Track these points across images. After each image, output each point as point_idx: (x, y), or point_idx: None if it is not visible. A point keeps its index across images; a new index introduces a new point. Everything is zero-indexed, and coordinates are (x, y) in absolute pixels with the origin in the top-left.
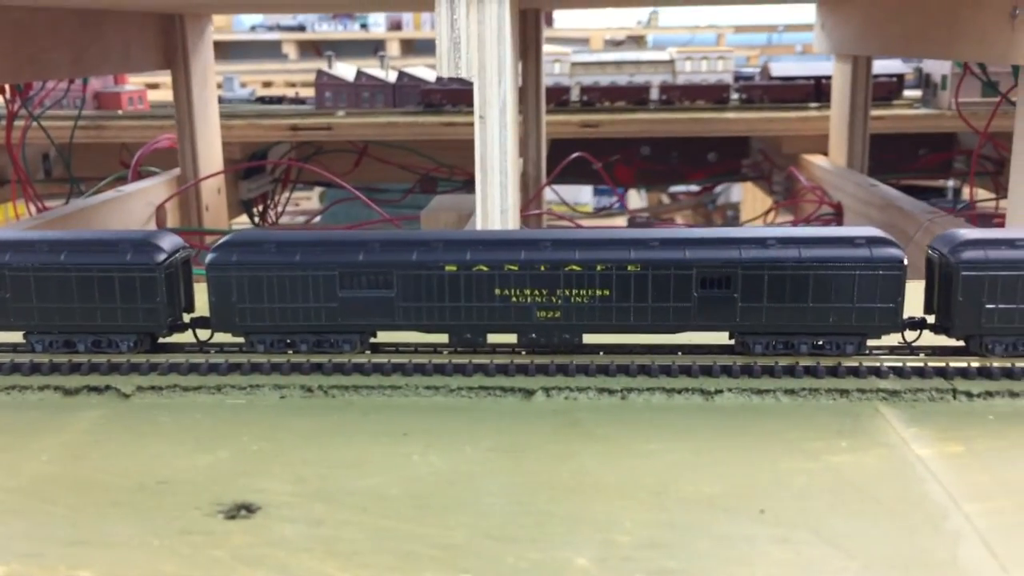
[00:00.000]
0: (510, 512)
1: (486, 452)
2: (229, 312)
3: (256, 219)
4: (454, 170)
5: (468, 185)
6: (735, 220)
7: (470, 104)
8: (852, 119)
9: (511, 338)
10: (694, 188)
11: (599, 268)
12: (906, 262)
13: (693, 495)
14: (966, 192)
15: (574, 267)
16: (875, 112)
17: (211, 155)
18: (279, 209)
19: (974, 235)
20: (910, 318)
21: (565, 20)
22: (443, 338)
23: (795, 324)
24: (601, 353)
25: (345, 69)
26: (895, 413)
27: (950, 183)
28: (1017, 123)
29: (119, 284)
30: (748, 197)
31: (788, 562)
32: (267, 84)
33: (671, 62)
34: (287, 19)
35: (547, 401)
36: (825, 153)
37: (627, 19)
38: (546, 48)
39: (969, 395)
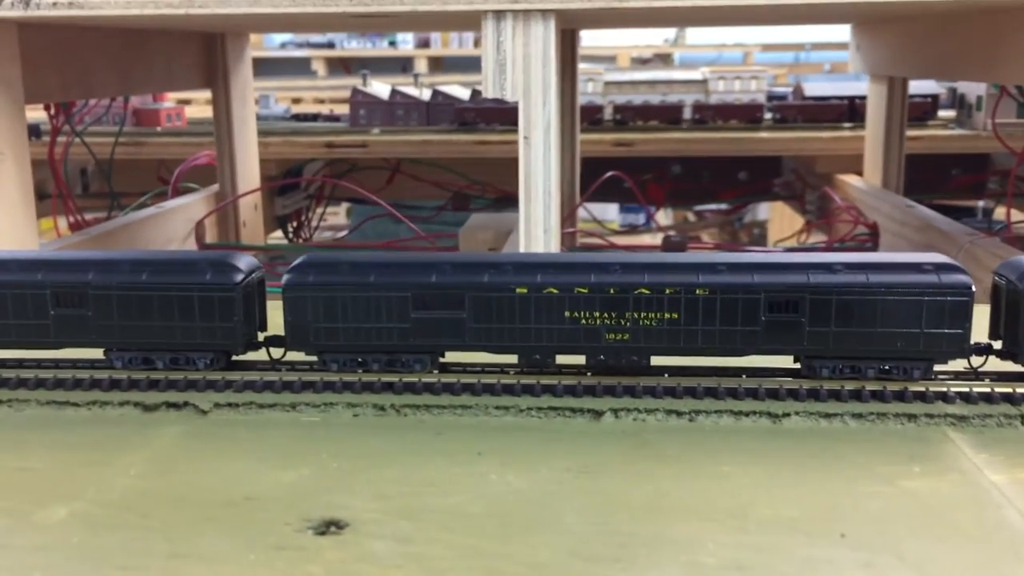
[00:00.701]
0: (592, 532)
1: (561, 472)
2: (304, 331)
3: (291, 235)
4: (486, 187)
5: (500, 203)
6: (762, 239)
7: (503, 122)
8: (887, 140)
9: (579, 359)
10: (723, 207)
11: (668, 292)
12: (974, 288)
13: (772, 518)
14: (998, 212)
15: (643, 290)
16: (910, 132)
17: (249, 172)
18: (313, 225)
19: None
20: (977, 343)
21: (592, 38)
22: (511, 359)
23: (862, 348)
24: (667, 375)
25: (379, 87)
26: (964, 439)
27: (981, 203)
28: None
29: (198, 303)
30: (775, 216)
31: None
32: (296, 100)
33: (704, 81)
34: (317, 36)
35: (616, 422)
36: (859, 173)
37: (654, 37)
38: (579, 67)
39: None
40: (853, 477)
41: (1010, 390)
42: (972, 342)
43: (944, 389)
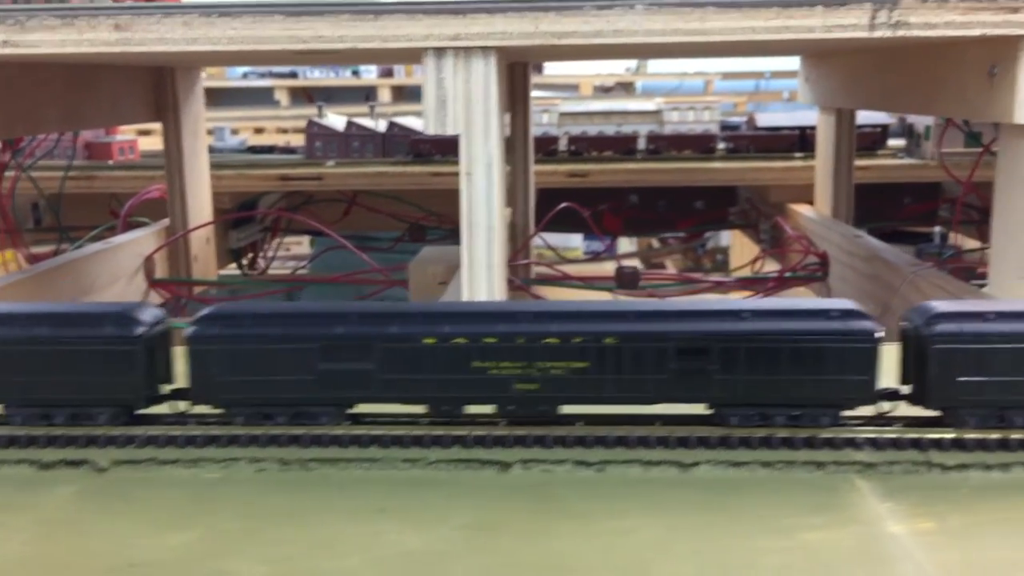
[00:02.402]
0: None
1: (461, 530)
2: (209, 384)
3: (245, 268)
4: (442, 219)
5: (456, 234)
6: (724, 264)
7: (458, 154)
8: (836, 170)
9: (491, 409)
10: (680, 235)
11: (577, 340)
12: (879, 335)
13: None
14: (953, 237)
15: (552, 339)
16: (859, 162)
17: (200, 206)
18: (269, 257)
19: (946, 307)
20: (886, 389)
21: (555, 67)
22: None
23: (770, 396)
24: (580, 424)
25: (335, 119)
26: (870, 487)
27: (937, 229)
28: (997, 179)
29: (98, 357)
30: (736, 243)
31: None
32: (259, 130)
33: (658, 112)
34: (279, 66)
35: (524, 474)
36: (811, 202)
37: (616, 66)
38: (536, 94)
39: (943, 467)
40: (754, 531)
41: (918, 436)
42: (882, 387)
43: (853, 435)
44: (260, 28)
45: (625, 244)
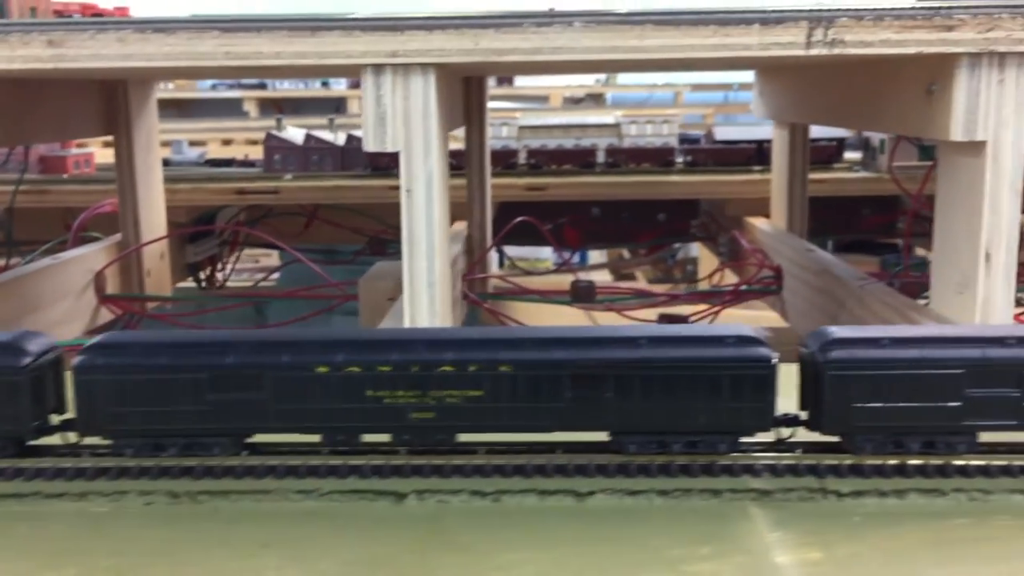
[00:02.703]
0: None
1: (342, 566)
2: (96, 416)
3: (203, 283)
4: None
5: None
6: (693, 275)
7: None
8: (791, 183)
9: (387, 438)
10: (641, 248)
11: (472, 368)
12: (775, 361)
13: None
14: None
15: (447, 368)
16: (815, 175)
17: (154, 220)
18: (228, 271)
19: (843, 334)
20: (785, 415)
21: (525, 79)
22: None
23: (667, 423)
24: (483, 451)
25: (294, 132)
26: (764, 515)
27: (899, 241)
28: (937, 195)
29: None
30: (704, 254)
31: None
32: (227, 142)
33: (617, 126)
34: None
35: (419, 504)
36: (768, 215)
37: (586, 78)
38: (506, 105)
39: (839, 494)
40: (640, 562)
41: (815, 462)
42: (781, 413)
43: (752, 462)
44: (196, 44)
45: (596, 256)
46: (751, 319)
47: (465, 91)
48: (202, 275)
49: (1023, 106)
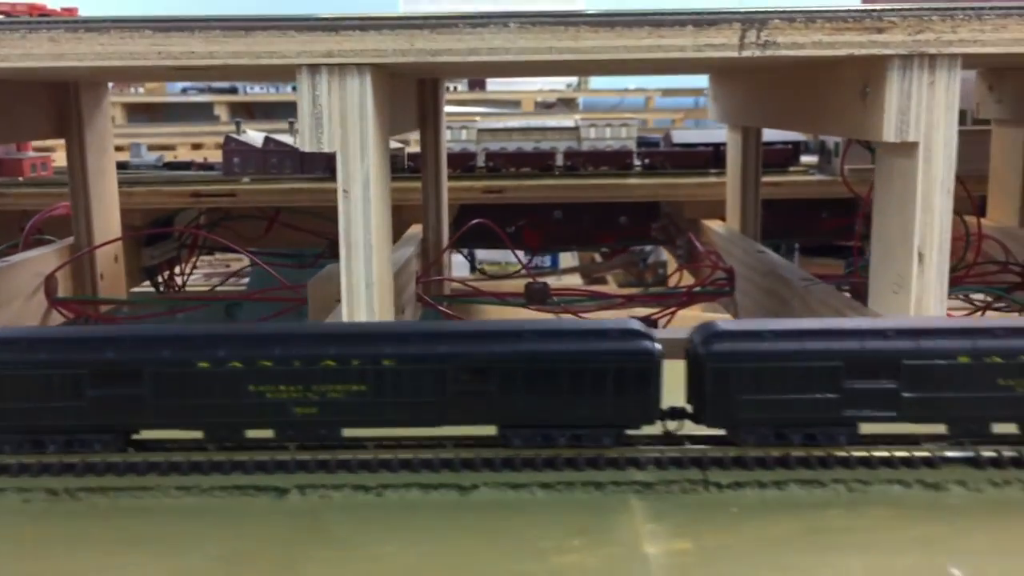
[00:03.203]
0: None
1: (212, 561)
2: None
3: (161, 286)
4: None
5: None
6: (664, 279)
7: None
8: (744, 186)
9: (270, 434)
10: (605, 250)
11: (355, 363)
12: (657, 355)
13: None
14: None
15: (329, 362)
16: (771, 179)
17: (108, 223)
18: (186, 276)
19: (727, 327)
20: (672, 407)
21: (497, 84)
22: None
23: (552, 417)
24: (372, 446)
25: (254, 135)
26: (643, 507)
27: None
28: (875, 196)
29: None
30: (672, 258)
31: None
32: (197, 146)
33: (576, 129)
34: (218, 82)
35: (301, 500)
36: (723, 218)
37: (558, 82)
38: (468, 109)
39: (719, 486)
40: (508, 554)
41: (700, 455)
42: (669, 406)
43: (637, 455)
44: (129, 44)
45: (568, 260)
46: (705, 321)
47: (420, 94)
48: (160, 279)
49: (954, 107)
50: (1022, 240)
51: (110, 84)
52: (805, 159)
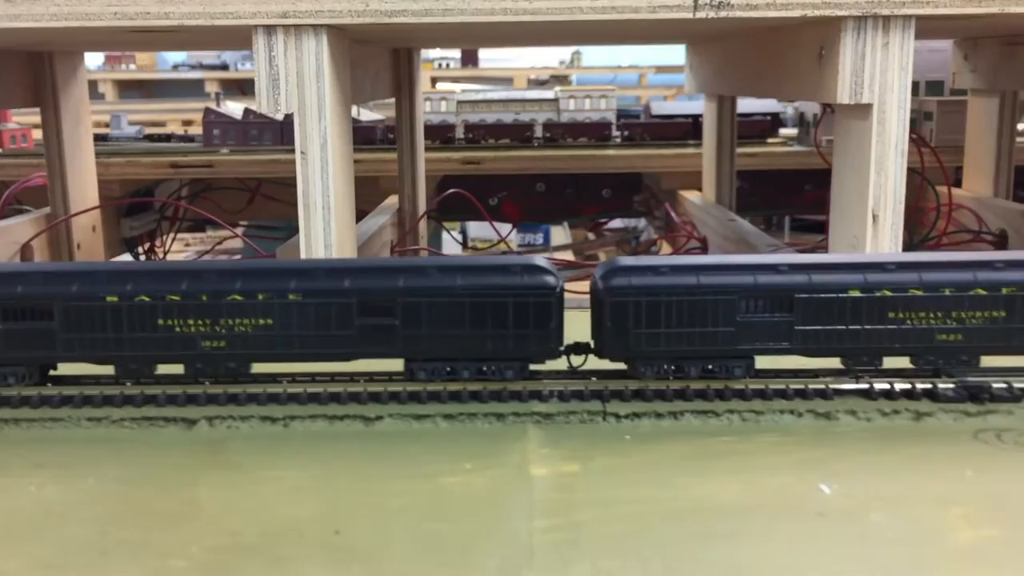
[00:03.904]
0: (84, 541)
1: (108, 483)
2: None
3: (142, 257)
4: None
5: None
6: (656, 254)
7: (357, 141)
8: (719, 156)
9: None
10: (592, 220)
11: (261, 297)
12: (559, 289)
13: (278, 518)
14: None
15: (236, 296)
16: (749, 149)
17: (84, 193)
18: (167, 248)
19: (628, 263)
20: (576, 343)
21: (489, 61)
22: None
23: (456, 351)
24: (285, 381)
25: (234, 106)
26: (541, 435)
27: None
28: (834, 158)
29: None
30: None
31: None
32: (188, 122)
33: (555, 100)
34: (210, 58)
35: (209, 430)
36: (701, 189)
37: (551, 59)
38: (461, 86)
39: (617, 416)
40: (397, 476)
41: (602, 388)
42: (573, 342)
43: (541, 388)
44: (85, 5)
45: (561, 237)
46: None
47: (395, 63)
48: (140, 250)
49: (907, 69)
50: (995, 209)
51: (86, 54)
52: (788, 131)
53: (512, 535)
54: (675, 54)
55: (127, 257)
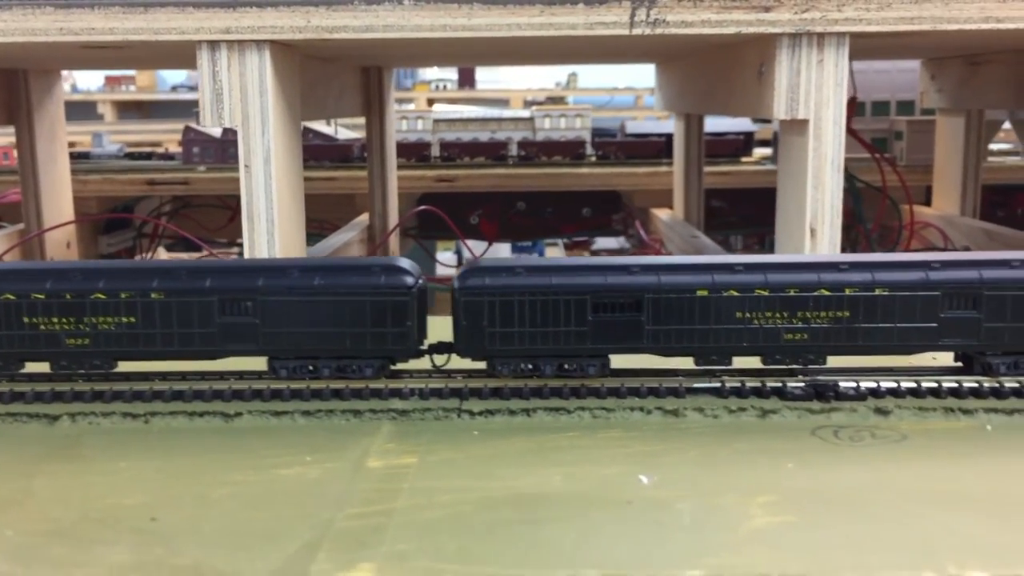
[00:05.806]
0: None
1: None
2: None
3: None
4: (324, 224)
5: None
6: None
7: (333, 159)
8: (687, 174)
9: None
10: (567, 240)
11: (124, 296)
12: (416, 289)
13: (102, 506)
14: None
15: (100, 295)
16: (722, 168)
17: (59, 210)
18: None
19: (485, 264)
20: (439, 342)
21: (486, 83)
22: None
23: (315, 349)
24: (158, 380)
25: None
26: (392, 431)
27: None
28: (778, 174)
29: None
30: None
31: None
32: None
33: (531, 119)
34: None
35: (70, 426)
36: (672, 207)
37: (547, 80)
38: (456, 107)
39: (472, 413)
40: (233, 467)
41: (462, 386)
42: (437, 341)
43: (401, 386)
44: (31, 21)
45: (557, 255)
46: None
47: (365, 82)
48: None
49: (843, 85)
50: (960, 227)
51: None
52: (763, 151)
53: (321, 522)
54: None
55: None
